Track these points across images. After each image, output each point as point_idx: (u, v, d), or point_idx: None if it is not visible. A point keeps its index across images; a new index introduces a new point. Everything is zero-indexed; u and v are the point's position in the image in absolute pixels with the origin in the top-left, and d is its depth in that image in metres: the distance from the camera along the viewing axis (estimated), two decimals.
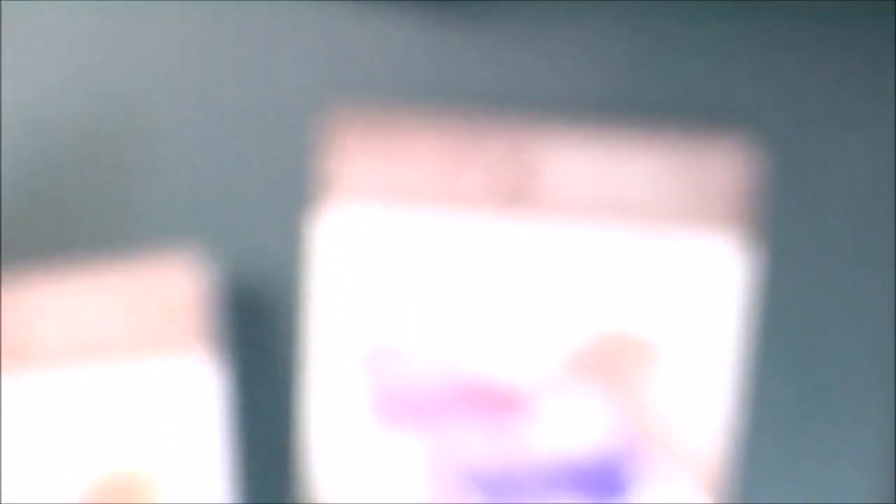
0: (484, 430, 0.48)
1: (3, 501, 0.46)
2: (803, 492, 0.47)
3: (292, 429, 0.49)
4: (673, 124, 0.46)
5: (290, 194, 0.49)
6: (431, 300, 0.48)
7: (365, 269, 0.48)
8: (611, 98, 0.47)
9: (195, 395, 0.46)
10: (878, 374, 0.46)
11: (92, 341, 0.47)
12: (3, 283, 0.47)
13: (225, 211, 0.50)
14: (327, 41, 0.48)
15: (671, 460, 0.48)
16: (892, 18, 0.43)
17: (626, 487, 0.48)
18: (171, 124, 0.50)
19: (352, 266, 0.48)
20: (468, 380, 0.48)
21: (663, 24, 0.45)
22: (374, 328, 0.49)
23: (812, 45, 0.44)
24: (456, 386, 0.48)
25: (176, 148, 0.50)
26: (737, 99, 0.45)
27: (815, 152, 0.45)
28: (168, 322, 0.47)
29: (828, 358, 0.46)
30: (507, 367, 0.48)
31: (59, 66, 0.50)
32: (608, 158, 0.47)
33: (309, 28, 0.48)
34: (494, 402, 0.48)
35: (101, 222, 0.50)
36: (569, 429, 0.48)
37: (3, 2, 0.49)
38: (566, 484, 0.48)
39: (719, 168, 0.46)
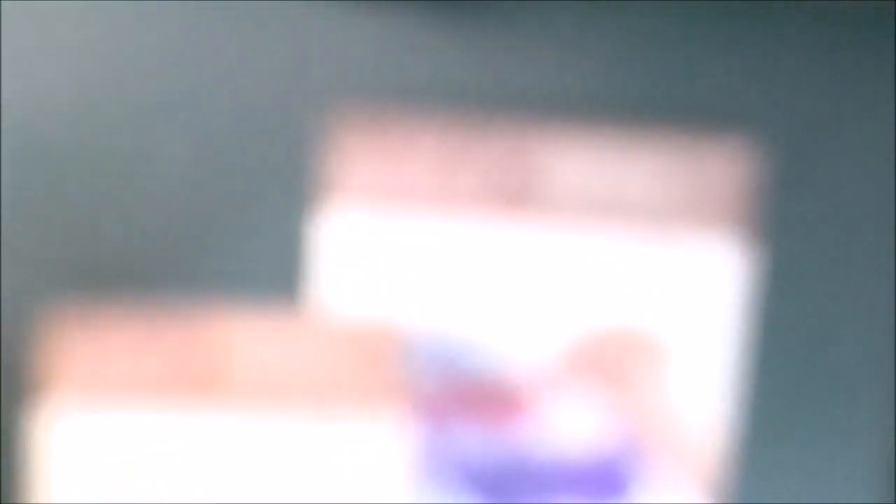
0: (483, 429, 0.48)
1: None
2: (803, 492, 0.47)
3: None
4: (673, 124, 0.46)
5: (291, 193, 0.49)
6: (432, 299, 0.48)
7: (365, 268, 0.48)
8: (611, 98, 0.47)
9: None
10: (878, 374, 0.46)
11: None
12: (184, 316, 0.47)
13: (225, 211, 0.50)
14: (328, 42, 0.48)
15: (671, 460, 0.48)
16: (892, 19, 0.43)
17: (626, 487, 0.48)
18: (172, 124, 0.50)
19: (352, 265, 0.48)
20: (468, 379, 0.48)
21: (664, 25, 0.45)
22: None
23: (812, 45, 0.44)
24: (456, 386, 0.48)
25: (176, 148, 0.50)
26: (737, 99, 0.45)
27: (816, 153, 0.45)
28: None
29: (827, 358, 0.46)
30: (507, 366, 0.48)
31: (59, 65, 0.50)
32: (609, 158, 0.47)
33: (309, 29, 0.48)
34: (494, 402, 0.48)
35: (100, 218, 0.50)
36: (569, 429, 0.48)
37: (2, 1, 0.49)
38: (566, 484, 0.48)
39: (719, 168, 0.46)
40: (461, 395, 0.48)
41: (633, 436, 0.48)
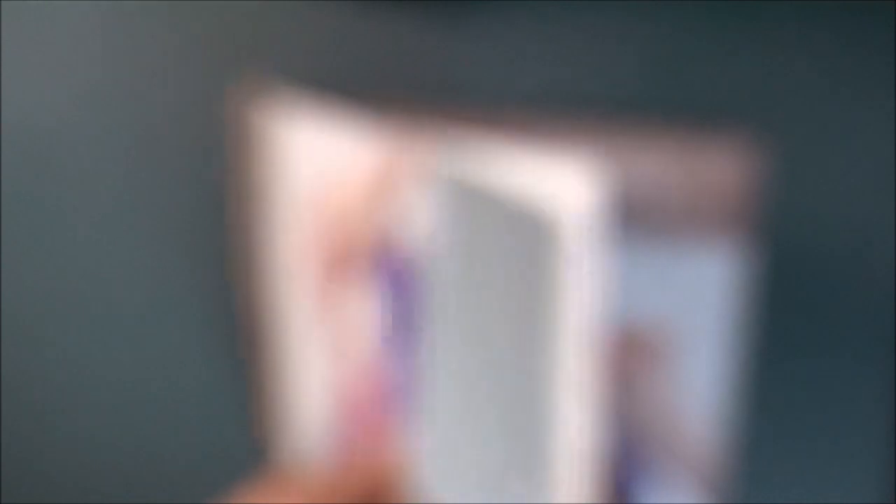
0: None
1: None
2: (803, 492, 0.47)
3: None
4: (673, 124, 0.46)
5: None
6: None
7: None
8: (612, 98, 0.47)
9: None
10: (878, 374, 0.46)
11: None
12: None
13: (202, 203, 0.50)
14: (328, 41, 0.48)
15: (671, 460, 0.48)
16: (892, 18, 0.43)
17: (626, 487, 0.48)
18: (165, 118, 0.50)
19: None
20: None
21: (664, 24, 0.45)
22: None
23: (813, 44, 0.44)
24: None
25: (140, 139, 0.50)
26: (737, 98, 0.45)
27: (816, 152, 0.45)
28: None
29: (827, 358, 0.46)
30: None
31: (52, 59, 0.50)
32: (609, 158, 0.47)
33: (310, 28, 0.48)
34: None
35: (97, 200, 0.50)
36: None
37: (3, 1, 0.50)
38: None
39: (719, 168, 0.46)
40: None
41: (633, 436, 0.48)
